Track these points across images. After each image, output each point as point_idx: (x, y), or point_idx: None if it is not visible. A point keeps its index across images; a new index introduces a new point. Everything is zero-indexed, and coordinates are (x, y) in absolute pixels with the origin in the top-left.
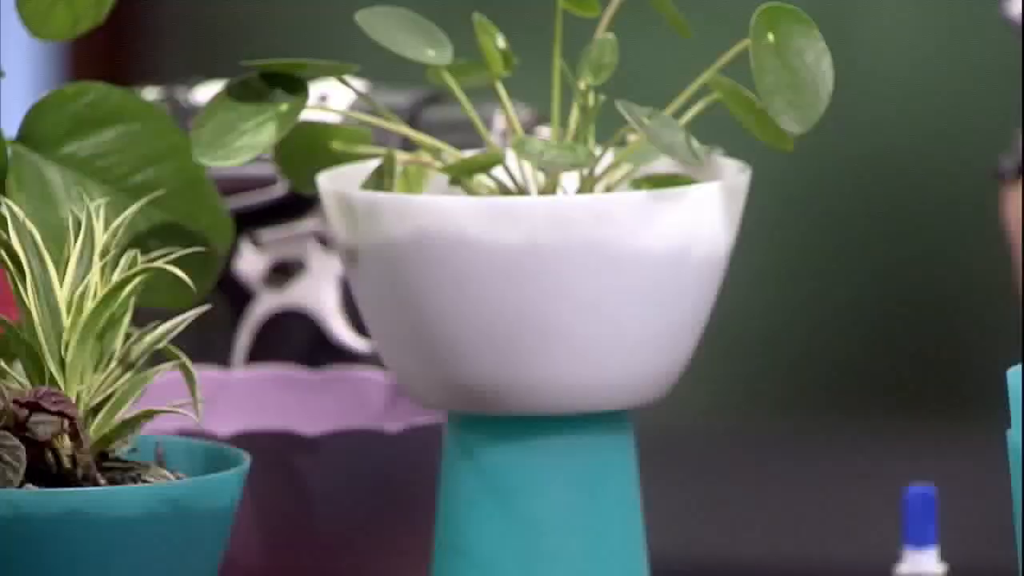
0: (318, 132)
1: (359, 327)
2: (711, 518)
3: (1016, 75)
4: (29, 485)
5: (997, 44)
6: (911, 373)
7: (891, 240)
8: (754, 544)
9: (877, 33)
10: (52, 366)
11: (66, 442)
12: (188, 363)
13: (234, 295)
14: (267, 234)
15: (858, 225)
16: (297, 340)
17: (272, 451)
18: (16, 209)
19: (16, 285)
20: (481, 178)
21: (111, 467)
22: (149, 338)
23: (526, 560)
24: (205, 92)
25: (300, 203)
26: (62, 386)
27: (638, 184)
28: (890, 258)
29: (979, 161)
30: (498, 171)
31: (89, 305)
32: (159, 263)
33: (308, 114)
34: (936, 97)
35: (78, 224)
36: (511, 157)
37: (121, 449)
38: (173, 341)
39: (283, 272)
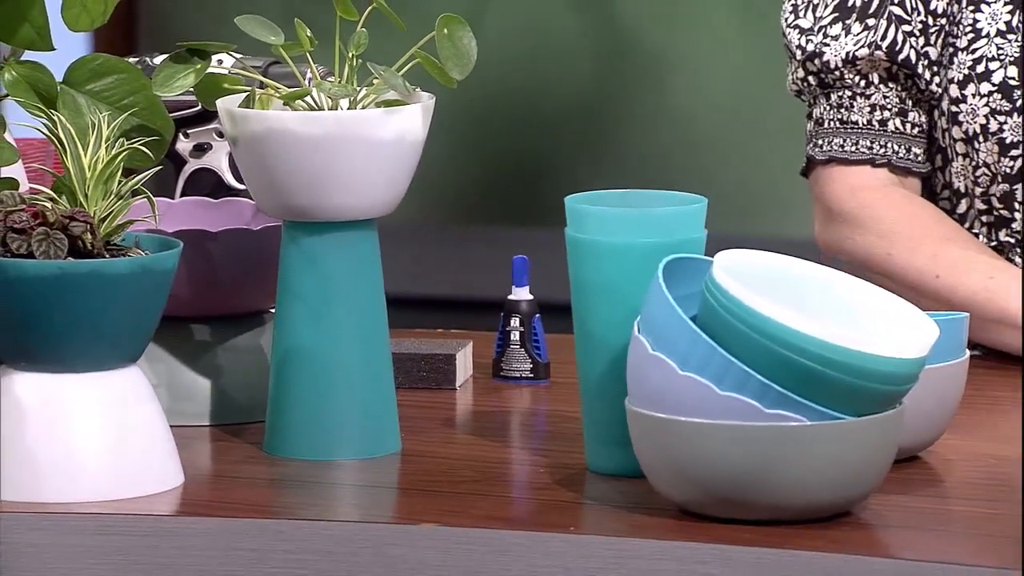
0: (217, 78)
1: (239, 178)
2: (421, 273)
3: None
4: (69, 258)
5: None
6: (526, 194)
7: (511, 124)
8: (443, 284)
9: (502, 23)
10: (81, 198)
11: (88, 237)
12: (150, 196)
13: (174, 161)
14: (191, 130)
15: (493, 117)
16: (207, 185)
17: (194, 240)
18: (62, 118)
19: (62, 156)
20: (300, 103)
21: (111, 249)
22: (131, 182)
23: (322, 295)
24: (159, 59)
25: (208, 114)
26: (86, 207)
27: (379, 105)
28: (515, 133)
29: (558, 82)
30: (308, 99)
31: (100, 166)
32: (135, 144)
33: (211, 69)
34: (531, 55)
35: (94, 125)
36: (315, 92)
37: (117, 240)
38: (144, 184)
39: (200, 149)
